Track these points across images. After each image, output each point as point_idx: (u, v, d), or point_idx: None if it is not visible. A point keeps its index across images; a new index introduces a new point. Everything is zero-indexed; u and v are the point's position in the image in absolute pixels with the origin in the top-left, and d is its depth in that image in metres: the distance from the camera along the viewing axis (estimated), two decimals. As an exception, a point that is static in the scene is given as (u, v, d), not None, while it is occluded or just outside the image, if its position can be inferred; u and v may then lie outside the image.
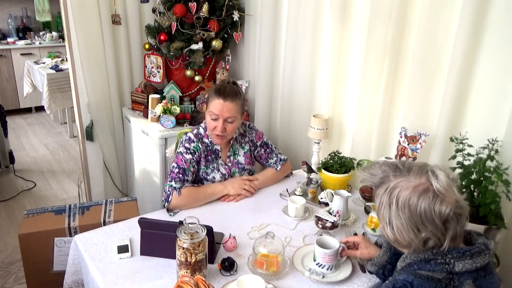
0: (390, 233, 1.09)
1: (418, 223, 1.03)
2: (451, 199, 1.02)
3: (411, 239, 1.05)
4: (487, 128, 1.54)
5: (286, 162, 2.08)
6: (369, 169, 1.15)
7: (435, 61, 1.66)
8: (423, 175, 1.05)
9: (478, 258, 1.03)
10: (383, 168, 1.12)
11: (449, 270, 1.02)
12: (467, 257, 1.03)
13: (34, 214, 2.03)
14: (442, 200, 1.01)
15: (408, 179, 1.06)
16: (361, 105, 1.99)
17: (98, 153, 2.98)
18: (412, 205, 1.03)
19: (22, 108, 5.52)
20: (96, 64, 2.72)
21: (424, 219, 1.02)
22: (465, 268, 1.02)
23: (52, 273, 2.02)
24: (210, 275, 1.37)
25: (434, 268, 1.04)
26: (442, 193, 1.02)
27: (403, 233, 1.06)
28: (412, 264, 1.08)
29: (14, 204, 3.38)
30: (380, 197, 1.10)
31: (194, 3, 2.49)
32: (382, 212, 1.10)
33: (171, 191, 1.74)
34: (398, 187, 1.06)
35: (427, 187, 1.03)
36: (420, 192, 1.03)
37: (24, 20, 5.64)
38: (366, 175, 1.16)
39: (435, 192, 1.02)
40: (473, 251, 1.04)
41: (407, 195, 1.04)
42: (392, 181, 1.08)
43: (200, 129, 1.93)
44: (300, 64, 2.31)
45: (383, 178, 1.11)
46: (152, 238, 1.44)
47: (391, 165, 1.12)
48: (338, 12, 2.02)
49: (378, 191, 1.11)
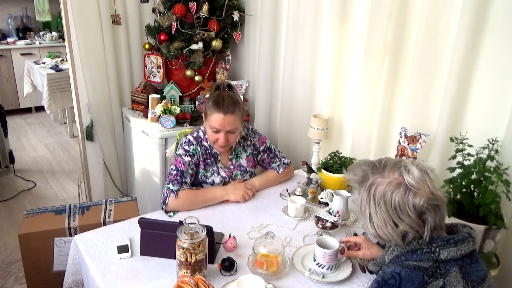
0: (371, 229, 1.14)
1: (394, 217, 1.08)
2: (424, 191, 1.06)
3: (390, 234, 1.10)
4: (487, 128, 1.54)
5: (289, 166, 2.06)
6: (352, 169, 1.22)
7: (435, 61, 1.66)
8: (396, 170, 1.11)
9: (462, 246, 1.07)
10: (363, 167, 1.18)
11: (434, 258, 1.06)
12: (451, 245, 1.06)
13: (34, 214, 2.03)
14: (415, 193, 1.06)
15: (383, 176, 1.12)
16: (361, 105, 1.99)
17: (98, 153, 2.98)
18: (387, 199, 1.08)
19: (22, 108, 5.51)
20: (96, 64, 2.72)
21: (399, 212, 1.07)
22: (450, 255, 1.05)
23: (52, 273, 2.02)
24: (210, 275, 1.37)
25: (420, 257, 1.07)
26: (414, 186, 1.07)
27: (383, 228, 1.11)
28: (400, 256, 1.12)
29: (14, 204, 3.38)
30: (360, 195, 1.17)
31: (194, 3, 2.49)
32: (362, 209, 1.16)
33: (168, 194, 1.74)
34: (374, 184, 1.12)
35: (399, 182, 1.08)
36: (393, 187, 1.08)
37: (24, 20, 5.64)
38: (350, 175, 1.22)
39: (407, 186, 1.07)
40: (456, 238, 1.08)
41: (382, 191, 1.10)
42: (370, 179, 1.14)
43: (199, 132, 1.93)
44: (300, 64, 2.31)
45: (363, 177, 1.17)
46: (152, 238, 1.44)
47: (369, 164, 1.18)
48: (338, 12, 2.02)
49: (360, 189, 1.18)
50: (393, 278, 1.04)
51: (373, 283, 1.08)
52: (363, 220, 1.18)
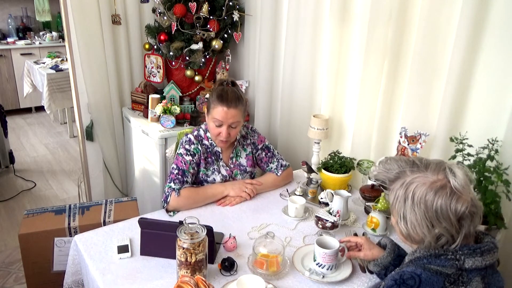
0: (403, 228, 1.09)
1: (433, 219, 1.03)
2: (467, 197, 1.02)
3: (424, 235, 1.06)
4: (487, 128, 1.54)
5: (288, 168, 2.04)
6: (384, 163, 1.16)
7: (435, 61, 1.66)
8: (440, 171, 1.06)
9: (487, 256, 1.04)
10: (399, 163, 1.13)
11: (458, 266, 1.03)
12: (477, 254, 1.03)
13: (34, 214, 2.03)
14: (459, 198, 1.02)
15: (425, 175, 1.07)
16: (361, 105, 1.99)
17: (98, 153, 2.98)
18: (428, 200, 1.03)
19: (22, 108, 5.52)
20: (96, 64, 2.72)
21: (440, 215, 1.03)
22: (475, 265, 1.02)
23: (52, 273, 2.02)
24: (210, 275, 1.37)
25: (444, 263, 1.04)
26: (459, 190, 1.02)
27: (417, 228, 1.06)
28: (422, 258, 1.08)
29: (14, 204, 3.38)
30: (395, 192, 1.11)
31: (194, 3, 2.49)
32: (396, 206, 1.10)
33: (170, 192, 1.74)
34: (414, 182, 1.07)
35: (444, 184, 1.04)
36: (437, 188, 1.03)
37: (24, 20, 5.64)
38: (381, 170, 1.16)
39: (452, 189, 1.02)
40: (483, 248, 1.05)
41: (424, 191, 1.04)
42: (409, 176, 1.09)
43: (200, 130, 1.93)
44: (300, 64, 2.31)
45: (400, 173, 1.11)
46: (152, 238, 1.44)
47: (408, 161, 1.12)
48: (338, 12, 2.02)
49: (394, 186, 1.12)
50: (412, 278, 1.02)
51: (389, 280, 1.05)
52: (394, 218, 1.13)
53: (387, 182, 1.15)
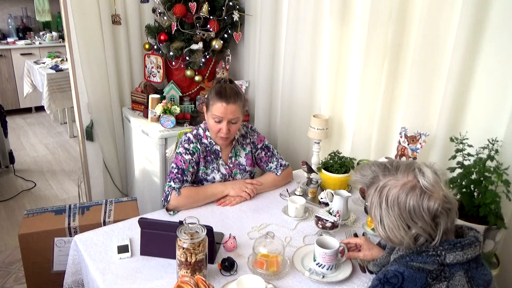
0: (382, 232, 1.12)
1: (408, 220, 1.06)
2: (438, 194, 1.04)
3: (402, 237, 1.08)
4: (487, 128, 1.54)
5: (287, 168, 2.04)
6: (360, 170, 1.19)
7: (435, 61, 1.66)
8: (410, 173, 1.08)
9: (469, 250, 1.05)
10: (372, 168, 1.15)
11: (440, 261, 1.04)
12: (457, 249, 1.05)
13: (34, 214, 2.03)
14: (430, 196, 1.04)
15: (396, 178, 1.09)
16: (361, 105, 1.99)
17: (98, 153, 2.98)
18: (401, 202, 1.06)
19: (22, 108, 5.52)
20: (96, 64, 2.72)
21: (414, 215, 1.05)
22: (456, 259, 1.04)
23: (52, 273, 2.02)
24: (210, 275, 1.37)
25: (425, 260, 1.06)
26: (429, 189, 1.04)
27: (394, 231, 1.09)
28: (404, 256, 1.10)
29: (14, 204, 3.38)
30: (371, 197, 1.13)
31: (194, 3, 2.49)
32: (373, 211, 1.13)
33: (170, 191, 1.74)
34: (387, 186, 1.09)
35: (414, 184, 1.06)
36: (408, 189, 1.06)
37: (24, 20, 5.64)
38: (358, 176, 1.19)
39: (422, 189, 1.05)
40: (463, 242, 1.06)
41: (396, 193, 1.07)
42: (381, 181, 1.11)
43: (199, 129, 1.93)
44: (300, 64, 2.31)
45: (373, 178, 1.14)
46: (152, 238, 1.44)
47: (380, 165, 1.15)
48: (338, 12, 2.02)
49: (369, 191, 1.15)
50: (395, 277, 1.03)
51: (374, 280, 1.08)
52: (373, 222, 1.15)
53: (365, 188, 1.18)
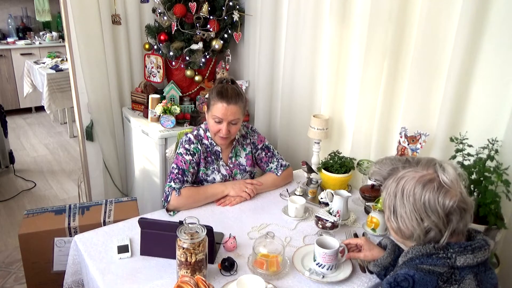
0: (394, 222, 1.11)
1: (422, 212, 1.05)
2: (456, 192, 1.04)
3: (414, 228, 1.07)
4: (487, 128, 1.54)
5: (288, 168, 2.04)
6: (380, 162, 1.19)
7: (435, 61, 1.66)
8: (430, 167, 1.08)
9: (479, 253, 1.05)
10: (393, 161, 1.16)
11: (450, 264, 1.04)
12: (468, 252, 1.04)
13: (34, 214, 2.03)
14: (447, 192, 1.03)
15: (415, 170, 1.09)
16: (361, 105, 1.99)
17: (98, 153, 2.98)
18: (416, 194, 1.05)
19: (22, 108, 5.52)
20: (96, 64, 2.72)
21: (428, 208, 1.04)
22: (466, 262, 1.03)
23: (52, 273, 2.02)
24: (210, 275, 1.37)
25: (435, 262, 1.05)
26: (448, 185, 1.04)
27: (406, 221, 1.08)
28: (414, 259, 1.09)
29: (14, 204, 3.38)
30: (387, 187, 1.13)
31: (194, 3, 2.49)
32: (387, 201, 1.13)
33: (170, 192, 1.74)
34: (405, 177, 1.09)
35: (432, 178, 1.06)
36: (425, 181, 1.05)
37: (24, 20, 5.64)
38: (376, 168, 1.19)
39: (440, 183, 1.04)
40: (474, 245, 1.05)
41: (413, 184, 1.06)
42: (400, 172, 1.11)
43: (200, 130, 1.93)
44: (300, 64, 2.31)
45: (392, 170, 1.14)
46: (152, 238, 1.44)
47: (401, 159, 1.16)
48: (338, 12, 2.02)
49: (386, 183, 1.14)
50: (406, 280, 1.03)
51: (385, 284, 1.06)
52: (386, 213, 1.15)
53: (382, 180, 1.18)
